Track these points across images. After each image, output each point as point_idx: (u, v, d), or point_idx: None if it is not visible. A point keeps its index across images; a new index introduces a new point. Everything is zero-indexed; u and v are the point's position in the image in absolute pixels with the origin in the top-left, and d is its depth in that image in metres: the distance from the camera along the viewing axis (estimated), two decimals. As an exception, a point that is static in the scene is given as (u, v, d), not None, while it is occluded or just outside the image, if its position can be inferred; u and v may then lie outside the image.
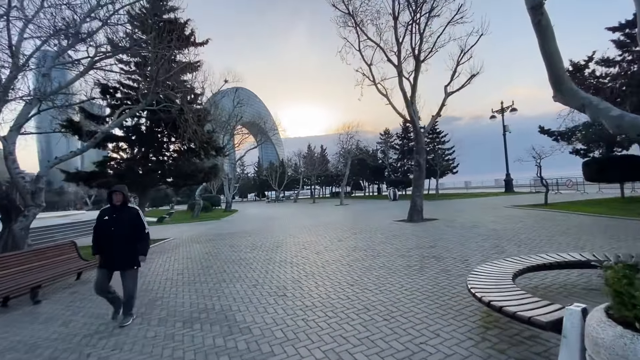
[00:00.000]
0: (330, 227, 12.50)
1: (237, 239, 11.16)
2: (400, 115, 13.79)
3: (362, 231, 10.73)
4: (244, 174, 69.40)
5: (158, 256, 8.99)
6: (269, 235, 11.50)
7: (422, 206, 12.64)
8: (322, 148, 59.93)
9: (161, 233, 15.17)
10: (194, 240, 11.76)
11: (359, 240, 9.03)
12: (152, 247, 10.78)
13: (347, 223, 13.67)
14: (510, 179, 28.04)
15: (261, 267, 6.60)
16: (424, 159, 12.88)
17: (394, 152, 40.66)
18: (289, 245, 9.04)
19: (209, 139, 11.83)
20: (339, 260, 6.70)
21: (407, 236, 9.11)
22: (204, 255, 8.56)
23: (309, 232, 11.47)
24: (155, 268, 7.44)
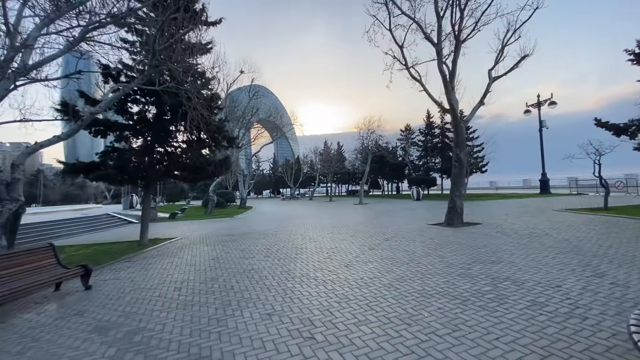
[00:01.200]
0: (355, 230, 10.98)
1: (249, 242, 9.82)
2: (436, 103, 12.07)
3: (395, 236, 9.16)
4: (260, 170, 68.71)
5: (158, 261, 7.73)
6: (286, 238, 10.10)
7: (463, 208, 10.93)
8: (338, 145, 58.33)
9: (169, 231, 14.07)
10: (203, 241, 10.50)
11: (395, 248, 7.47)
12: (154, 248, 9.61)
13: (373, 225, 12.11)
14: (546, 179, 25.63)
15: (278, 284, 5.16)
16: (465, 154, 11.14)
17: (416, 149, 38.56)
18: (311, 253, 7.59)
19: (220, 127, 10.51)
20: (378, 278, 5.19)
21: (453, 245, 7.48)
22: (210, 263, 7.22)
23: (332, 236, 10.00)
24: (150, 278, 6.14)
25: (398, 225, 11.55)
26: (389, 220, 13.40)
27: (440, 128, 35.59)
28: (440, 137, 35.51)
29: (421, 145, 37.45)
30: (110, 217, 19.68)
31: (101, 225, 17.62)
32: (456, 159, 11.14)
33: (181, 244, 10.33)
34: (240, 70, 23.12)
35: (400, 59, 12.49)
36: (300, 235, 10.53)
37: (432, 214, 15.27)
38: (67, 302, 4.93)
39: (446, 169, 32.97)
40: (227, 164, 10.76)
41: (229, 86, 23.26)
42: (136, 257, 8.54)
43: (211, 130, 9.93)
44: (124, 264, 7.65)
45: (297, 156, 67.42)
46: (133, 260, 8.01)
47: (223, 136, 10.52)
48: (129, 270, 6.94)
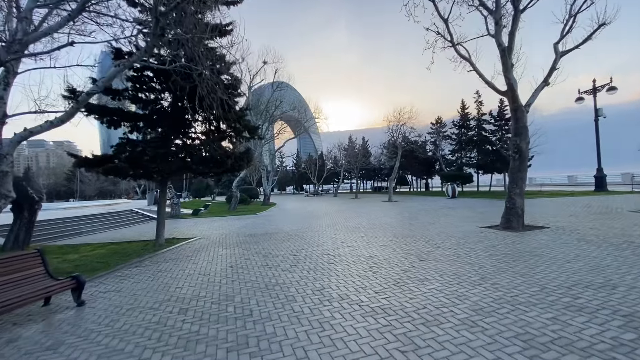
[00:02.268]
0: (393, 233, 9.54)
1: (273, 244, 8.65)
2: (489, 85, 10.27)
3: (446, 242, 7.64)
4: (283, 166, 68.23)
5: (169, 267, 6.71)
6: (314, 241, 8.84)
7: (524, 208, 9.16)
8: (363, 140, 56.38)
9: (189, 229, 13.26)
10: (222, 242, 9.48)
11: (453, 260, 5.99)
12: (169, 250, 8.68)
13: (413, 227, 10.59)
14: (603, 175, 22.67)
15: (310, 312, 3.89)
16: (526, 143, 9.32)
17: (449, 143, 36.00)
18: (347, 262, 6.26)
19: (241, 116, 9.38)
20: (448, 307, 3.78)
21: (527, 256, 5.88)
22: (227, 272, 6.09)
23: (367, 240, 8.63)
24: (155, 291, 5.08)
25: (443, 228, 9.96)
26: (430, 221, 11.79)
27: (477, 120, 32.86)
28: (476, 130, 32.80)
29: (455, 139, 34.88)
30: (133, 213, 19.37)
31: (124, 221, 17.25)
32: (515, 149, 9.35)
33: (199, 245, 9.35)
34: (264, 61, 22.10)
35: (445, 34, 10.80)
36: (329, 238, 9.24)
37: (477, 213, 13.46)
38: (48, 325, 3.93)
39: (483, 164, 30.39)
40: (249, 157, 9.63)
41: (252, 78, 22.33)
42: (148, 260, 7.61)
43: (230, 118, 8.83)
44: (132, 270, 6.70)
45: (321, 152, 66.20)
46: (143, 265, 7.06)
47: (244, 126, 9.39)
48: (135, 279, 5.94)
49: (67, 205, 28.45)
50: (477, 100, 32.54)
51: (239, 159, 9.30)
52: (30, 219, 10.06)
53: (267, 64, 22.18)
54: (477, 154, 32.39)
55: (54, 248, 9.96)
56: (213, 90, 7.62)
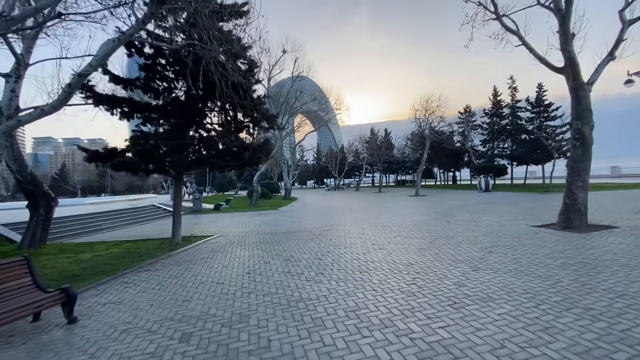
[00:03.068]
0: (430, 234, 8.43)
1: (295, 245, 7.80)
2: (541, 61, 8.80)
3: (497, 245, 6.48)
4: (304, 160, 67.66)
5: (181, 272, 6.00)
6: (341, 242, 7.90)
7: (587, 205, 7.76)
8: (386, 132, 54.56)
9: (209, 226, 12.70)
10: (241, 242, 8.75)
11: (516, 270, 4.85)
12: (185, 250, 8.04)
13: (451, 226, 9.41)
14: (662, 166, 20.19)
15: (346, 346, 2.95)
16: (590, 128, 7.86)
17: (480, 133, 33.70)
18: (382, 271, 5.28)
19: (259, 104, 8.53)
20: (537, 347, 2.72)
21: (614, 268, 4.65)
22: (243, 280, 5.27)
23: (402, 241, 7.59)
24: (159, 306, 4.33)
25: (488, 227, 8.73)
26: (470, 219, 10.54)
27: (510, 107, 30.43)
28: (509, 118, 30.42)
29: (486, 128, 32.54)
30: (155, 208, 19.25)
31: (145, 217, 17.08)
32: (577, 134, 7.92)
33: (216, 244, 8.67)
34: (283, 50, 21.16)
35: (487, 5, 9.41)
36: (358, 238, 8.26)
37: (522, 209, 12.00)
38: (26, 351, 3.24)
39: (518, 155, 28.13)
40: (268, 149, 8.79)
41: (271, 68, 21.50)
42: (161, 262, 6.97)
43: (247, 106, 7.99)
44: (141, 275, 6.06)
45: (342, 145, 64.93)
46: (154, 270, 6.41)
47: (262, 114, 8.53)
48: (141, 287, 5.26)
49: (93, 201, 29.17)
50: (510, 86, 30.12)
51: (257, 151, 8.47)
52: (46, 216, 9.77)
53: (286, 52, 21.26)
54: (511, 144, 30.09)
55: (70, 246, 9.62)
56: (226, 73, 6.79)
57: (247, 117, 8.61)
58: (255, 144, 8.45)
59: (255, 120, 8.65)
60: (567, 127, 23.60)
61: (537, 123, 27.13)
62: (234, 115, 8.81)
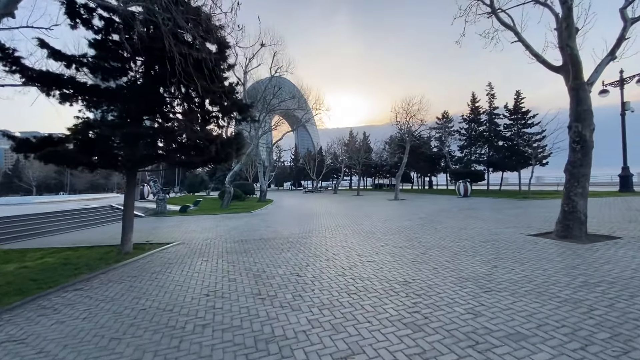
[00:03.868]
0: (420, 243, 7.60)
1: (268, 256, 6.67)
2: (538, 58, 8.28)
3: (499, 258, 5.71)
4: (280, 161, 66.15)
5: (119, 293, 4.71)
6: (323, 252, 6.87)
7: (587, 213, 7.23)
8: (364, 135, 54.43)
9: (171, 230, 11.22)
10: (205, 251, 7.49)
11: (536, 293, 4.03)
12: (134, 261, 6.69)
13: (441, 234, 8.66)
14: (629, 175, 20.91)
15: None
16: (590, 131, 7.36)
17: (459, 139, 33.97)
18: (375, 292, 4.29)
19: (229, 91, 7.34)
20: None
21: (631, 290, 3.96)
22: (199, 306, 4.10)
23: (392, 252, 6.68)
24: (71, 349, 3.08)
25: (481, 235, 8.04)
26: (458, 225, 9.86)
27: (488, 114, 30.90)
28: (487, 125, 30.87)
29: (464, 134, 32.89)
30: (113, 209, 17.30)
31: (100, 219, 15.19)
32: (576, 137, 7.40)
33: (174, 254, 7.35)
34: (261, 43, 19.91)
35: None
36: (341, 247, 7.27)
37: (508, 216, 11.54)
38: None
39: (496, 161, 28.51)
40: (239, 144, 7.61)
41: (248, 61, 20.18)
42: (100, 278, 5.62)
43: (216, 91, 6.79)
44: (69, 296, 4.71)
45: (320, 147, 64.16)
46: (87, 288, 5.06)
47: (233, 103, 7.35)
48: (62, 315, 3.96)
49: (45, 200, 26.27)
50: (489, 92, 30.61)
51: (226, 146, 7.27)
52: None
53: (265, 46, 20.03)
54: (487, 150, 30.52)
55: (-5, 254, 7.94)
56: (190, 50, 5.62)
57: (216, 106, 7.40)
58: (224, 137, 7.23)
59: (225, 109, 7.45)
60: (544, 134, 24.13)
61: (514, 130, 27.65)
62: (200, 102, 7.55)
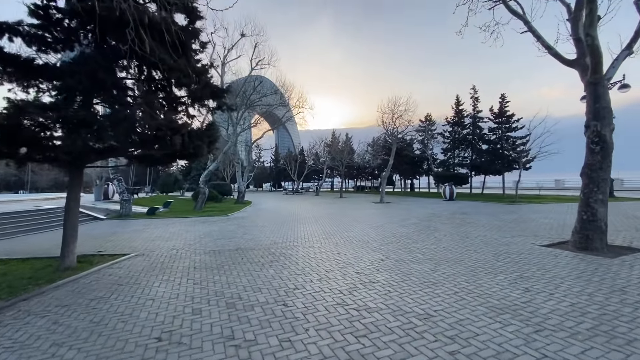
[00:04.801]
0: (425, 255, 6.59)
1: (246, 274, 5.40)
2: (550, 51, 7.54)
3: (525, 276, 4.75)
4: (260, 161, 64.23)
5: (38, 333, 3.31)
6: (313, 268, 5.69)
7: (607, 221, 6.49)
8: (347, 136, 53.75)
9: (133, 237, 9.62)
10: (166, 267, 6.10)
11: (608, 336, 3.05)
12: (70, 281, 5.24)
13: (444, 244, 7.71)
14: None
15: None
16: (610, 130, 6.66)
17: (443, 141, 33.74)
18: (390, 332, 3.15)
19: (201, 72, 6.02)
20: None
21: None
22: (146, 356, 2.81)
23: (395, 267, 5.60)
24: None
25: (489, 245, 7.14)
26: (458, 233, 8.98)
27: (472, 117, 30.85)
28: (471, 128, 30.82)
29: (448, 137, 32.72)
30: (69, 211, 15.24)
31: (52, 222, 13.19)
32: (595, 137, 6.66)
33: (128, 270, 5.93)
34: (241, 33, 18.49)
35: (489, -18, 7.98)
36: (335, 262, 6.11)
37: (506, 222, 10.84)
38: None
39: (479, 164, 28.41)
40: (211, 136, 6.28)
41: (227, 51, 18.67)
42: (17, 307, 4.17)
43: (182, 69, 5.47)
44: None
45: (301, 147, 62.85)
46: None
47: (205, 85, 6.02)
48: None
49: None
50: (472, 96, 30.58)
51: (195, 138, 5.94)
52: None
53: (245, 36, 18.61)
54: (471, 154, 30.45)
55: None
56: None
57: (183, 88, 6.05)
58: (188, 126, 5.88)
59: (195, 94, 6.11)
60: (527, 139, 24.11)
61: (499, 133, 27.64)
62: (164, 84, 6.17)
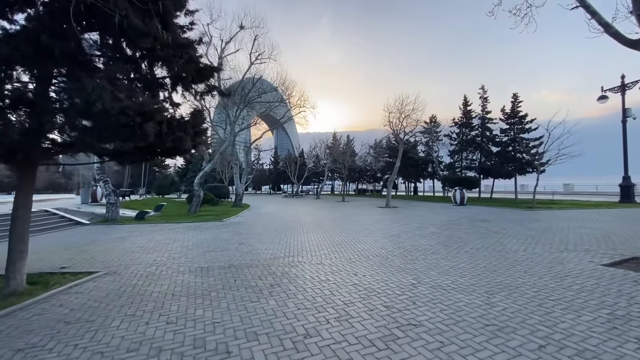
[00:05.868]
0: (464, 277, 5.27)
1: (239, 307, 4.06)
2: (607, 30, 6.27)
3: (623, 319, 3.43)
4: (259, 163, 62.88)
5: None
6: (326, 300, 4.35)
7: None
8: (348, 138, 52.50)
9: (111, 248, 8.25)
10: (137, 293, 4.77)
11: None
12: (4, 316, 3.85)
13: (477, 260, 6.40)
14: (630, 185, 19.92)
15: None
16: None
17: (449, 143, 32.43)
18: None
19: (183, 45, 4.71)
20: None
21: None
22: None
23: (436, 298, 4.27)
24: None
25: (541, 265, 5.82)
26: (490, 247, 7.67)
27: (481, 118, 29.59)
28: (480, 129, 29.55)
29: (455, 139, 31.45)
30: (49, 215, 13.89)
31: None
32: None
33: (86, 298, 4.58)
34: (240, 25, 17.24)
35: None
36: (353, 287, 4.77)
37: (537, 232, 9.54)
38: None
39: (489, 167, 27.12)
40: (197, 126, 4.96)
41: (224, 44, 17.39)
42: None
43: (157, 36, 4.16)
44: None
45: (301, 149, 61.58)
46: None
47: (189, 59, 4.70)
48: None
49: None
50: (481, 96, 29.34)
51: (175, 127, 4.62)
52: None
53: (244, 28, 17.35)
54: (480, 156, 29.16)
55: None
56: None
57: (162, 64, 4.73)
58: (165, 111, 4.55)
59: (175, 70, 4.79)
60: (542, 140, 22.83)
61: (511, 135, 26.35)
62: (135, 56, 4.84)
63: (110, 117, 3.84)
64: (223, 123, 26.59)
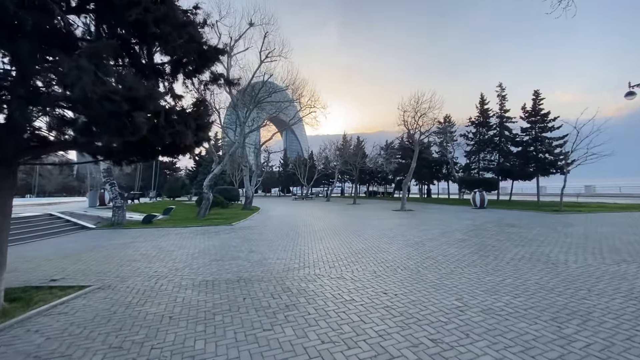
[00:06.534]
0: (517, 298, 4.41)
1: (247, 337, 3.28)
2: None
3: None
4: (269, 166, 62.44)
5: None
6: (355, 329, 3.53)
7: None
8: (358, 140, 51.58)
9: (111, 255, 7.61)
10: (129, 315, 4.05)
11: None
12: None
13: (528, 277, 5.52)
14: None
15: None
16: None
17: (466, 144, 31.22)
18: None
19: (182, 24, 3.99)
20: None
21: None
22: None
23: (494, 330, 3.41)
24: None
25: (602, 282, 4.91)
26: (533, 257, 6.74)
27: (499, 117, 28.32)
28: (497, 129, 28.30)
29: (472, 139, 30.22)
30: (53, 219, 13.45)
31: (31, 233, 11.36)
32: None
33: (68, 322, 3.88)
34: (249, 22, 16.67)
35: None
36: (385, 310, 3.95)
37: (577, 239, 8.55)
38: None
39: (509, 168, 25.84)
40: (200, 118, 4.24)
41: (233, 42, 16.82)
42: None
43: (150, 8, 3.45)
44: None
45: (311, 151, 60.93)
46: None
47: (188, 40, 3.99)
48: None
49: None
50: (499, 94, 28.12)
51: (176, 120, 3.91)
52: None
53: (254, 25, 16.78)
54: (498, 157, 27.89)
55: None
56: None
57: (158, 45, 4.02)
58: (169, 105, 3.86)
59: (175, 52, 4.08)
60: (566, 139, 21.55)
61: (532, 134, 25.02)
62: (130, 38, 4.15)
63: (92, 104, 3.13)
64: (233, 125, 26.09)
